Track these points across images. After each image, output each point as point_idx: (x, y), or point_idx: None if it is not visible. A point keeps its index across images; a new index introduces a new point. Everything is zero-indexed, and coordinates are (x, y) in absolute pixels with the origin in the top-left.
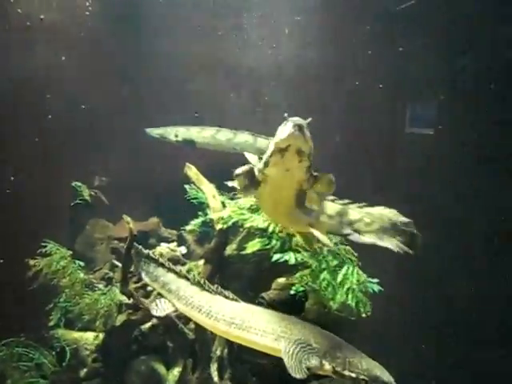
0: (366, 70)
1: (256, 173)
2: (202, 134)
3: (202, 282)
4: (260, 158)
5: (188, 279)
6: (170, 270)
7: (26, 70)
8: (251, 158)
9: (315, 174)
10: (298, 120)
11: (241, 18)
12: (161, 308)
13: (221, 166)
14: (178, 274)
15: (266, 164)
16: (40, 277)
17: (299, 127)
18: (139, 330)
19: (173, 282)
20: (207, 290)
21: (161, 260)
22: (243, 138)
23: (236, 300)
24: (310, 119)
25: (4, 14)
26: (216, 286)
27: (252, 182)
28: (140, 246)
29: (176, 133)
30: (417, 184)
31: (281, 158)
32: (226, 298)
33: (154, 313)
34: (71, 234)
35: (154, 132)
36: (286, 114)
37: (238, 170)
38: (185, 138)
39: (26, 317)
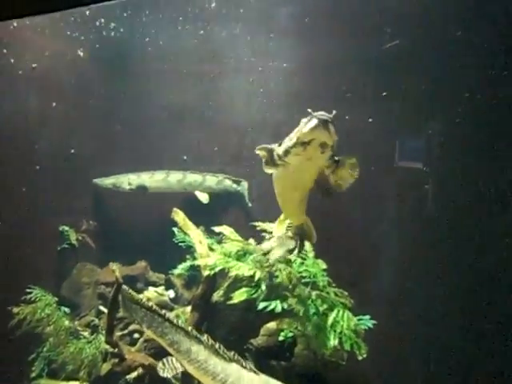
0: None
1: (275, 156)
2: (153, 179)
3: (216, 346)
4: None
5: (201, 341)
6: (178, 328)
7: (17, 117)
8: (202, 196)
9: (337, 158)
10: (323, 115)
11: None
12: (168, 368)
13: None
14: (189, 335)
15: (287, 153)
16: (23, 325)
17: (324, 122)
18: (125, 380)
19: (183, 341)
20: (222, 356)
21: (168, 315)
22: (193, 178)
23: (254, 372)
24: (334, 112)
25: None
26: (232, 352)
27: (272, 161)
28: (142, 296)
29: (129, 181)
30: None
31: (303, 150)
32: (243, 367)
33: (161, 373)
34: (58, 278)
35: (106, 182)
36: (309, 110)
37: (259, 146)
38: (138, 185)
39: (7, 367)
